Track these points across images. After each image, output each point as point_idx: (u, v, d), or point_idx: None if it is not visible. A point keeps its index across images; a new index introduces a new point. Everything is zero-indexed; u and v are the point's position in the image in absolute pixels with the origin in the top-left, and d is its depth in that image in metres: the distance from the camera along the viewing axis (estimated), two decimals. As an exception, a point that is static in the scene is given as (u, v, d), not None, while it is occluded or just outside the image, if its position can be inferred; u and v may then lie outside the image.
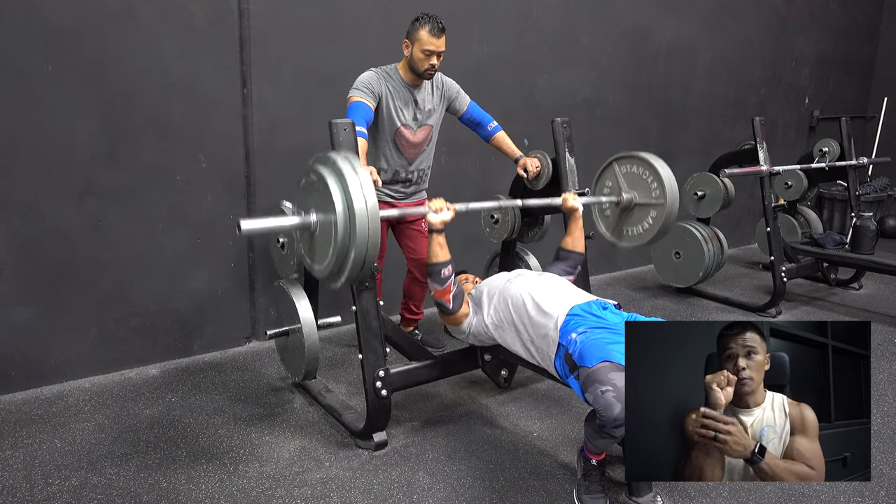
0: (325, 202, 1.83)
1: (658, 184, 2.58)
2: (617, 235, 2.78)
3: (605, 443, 1.95)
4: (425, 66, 2.73)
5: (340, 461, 2.35)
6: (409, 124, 2.85)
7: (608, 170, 2.76)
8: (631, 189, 2.68)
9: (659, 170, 2.57)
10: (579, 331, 2.04)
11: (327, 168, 1.86)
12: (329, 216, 1.83)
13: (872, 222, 4.35)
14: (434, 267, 2.33)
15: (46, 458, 2.31)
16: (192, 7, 2.94)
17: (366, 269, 1.87)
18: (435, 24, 2.67)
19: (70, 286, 2.86)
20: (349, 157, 1.88)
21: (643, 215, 2.66)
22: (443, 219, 2.29)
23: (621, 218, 2.74)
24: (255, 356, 3.28)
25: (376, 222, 1.82)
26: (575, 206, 2.60)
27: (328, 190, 1.81)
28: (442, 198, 2.34)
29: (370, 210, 1.80)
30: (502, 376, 2.92)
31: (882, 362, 3.36)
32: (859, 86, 7.04)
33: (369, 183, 1.85)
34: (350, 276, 1.86)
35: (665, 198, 2.56)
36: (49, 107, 2.69)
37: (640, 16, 4.73)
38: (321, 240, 1.90)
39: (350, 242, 1.80)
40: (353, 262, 1.82)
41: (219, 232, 3.20)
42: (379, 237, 1.85)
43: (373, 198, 1.83)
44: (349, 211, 1.79)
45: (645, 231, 2.67)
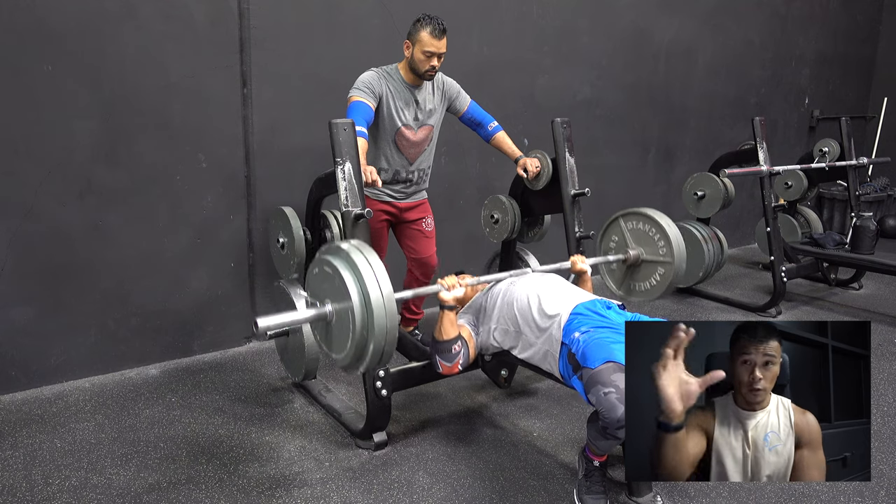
0: (341, 293, 1.81)
1: (665, 241, 2.57)
2: (625, 290, 2.77)
3: (608, 444, 1.95)
4: (426, 68, 2.73)
5: (340, 461, 2.35)
6: (409, 124, 2.85)
7: (613, 225, 2.75)
8: (637, 245, 2.67)
9: (665, 227, 2.56)
10: (582, 330, 2.04)
11: (340, 259, 1.84)
12: (345, 306, 1.80)
13: (872, 222, 4.35)
14: (444, 344, 2.24)
15: (46, 458, 2.31)
16: (192, 7, 2.94)
17: (384, 359, 1.84)
18: (436, 26, 2.67)
19: (70, 286, 2.86)
20: (361, 248, 1.85)
21: (651, 271, 2.65)
22: (455, 296, 2.22)
23: (628, 273, 2.73)
24: (255, 356, 3.28)
25: (393, 311, 1.78)
26: (583, 269, 2.56)
27: (343, 282, 1.78)
28: (452, 274, 2.29)
29: (386, 299, 1.77)
30: (502, 376, 2.92)
31: (882, 362, 3.36)
32: (859, 86, 7.04)
33: (383, 271, 1.82)
34: (370, 365, 1.83)
35: (672, 256, 2.55)
36: (49, 107, 2.69)
37: (640, 16, 4.73)
38: (338, 330, 1.88)
39: (369, 334, 1.78)
40: (373, 353, 1.78)
41: (219, 232, 3.20)
42: (397, 327, 1.82)
43: (388, 287, 1.80)
44: (366, 302, 1.76)
45: (653, 287, 2.66)
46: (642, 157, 5.10)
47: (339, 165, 2.29)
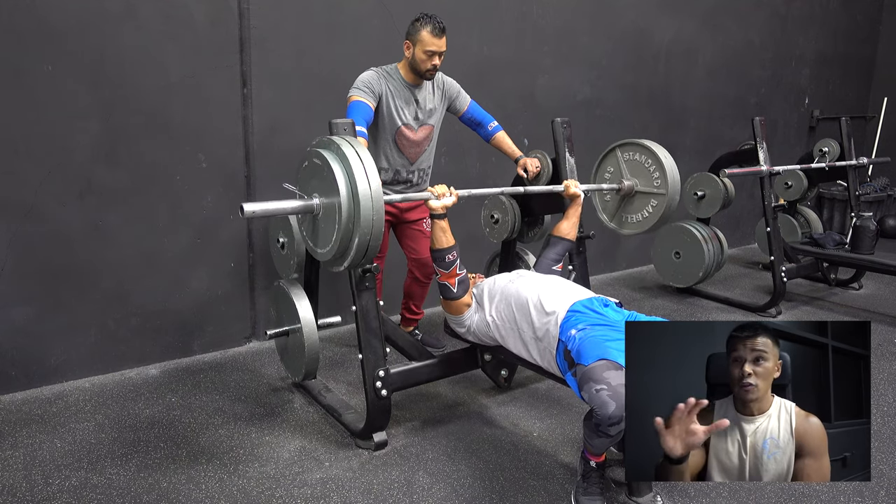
0: (329, 186, 1.81)
1: (660, 172, 2.59)
2: (617, 222, 2.79)
3: (602, 442, 1.94)
4: (427, 67, 2.73)
5: (340, 461, 2.35)
6: (410, 124, 2.85)
7: (610, 155, 2.77)
8: (633, 176, 2.69)
9: (661, 158, 2.58)
10: (579, 327, 2.04)
11: (330, 152, 1.84)
12: (333, 199, 1.81)
13: (872, 222, 4.35)
14: (439, 253, 2.37)
15: (46, 458, 2.31)
16: (192, 7, 2.94)
17: (369, 253, 1.86)
18: (436, 25, 2.67)
19: (70, 286, 2.86)
20: (352, 142, 1.86)
21: (644, 203, 2.67)
22: (444, 203, 2.33)
23: (622, 205, 2.75)
24: (255, 356, 3.28)
25: (380, 205, 1.80)
26: (577, 193, 2.62)
27: (332, 173, 1.79)
28: (444, 184, 2.38)
29: (374, 193, 1.79)
30: (502, 376, 2.92)
31: (882, 362, 3.36)
32: (859, 86, 7.04)
33: (373, 166, 1.83)
34: (353, 260, 1.85)
35: (667, 187, 2.57)
36: (49, 107, 2.69)
37: (640, 16, 4.73)
38: (324, 223, 1.89)
39: (354, 226, 1.79)
40: (357, 247, 1.81)
41: (219, 232, 3.20)
42: (383, 221, 1.84)
43: (376, 181, 1.81)
44: (353, 194, 1.77)
45: (645, 219, 2.68)
46: (642, 157, 5.10)
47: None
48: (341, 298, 3.48)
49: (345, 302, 2.75)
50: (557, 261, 2.64)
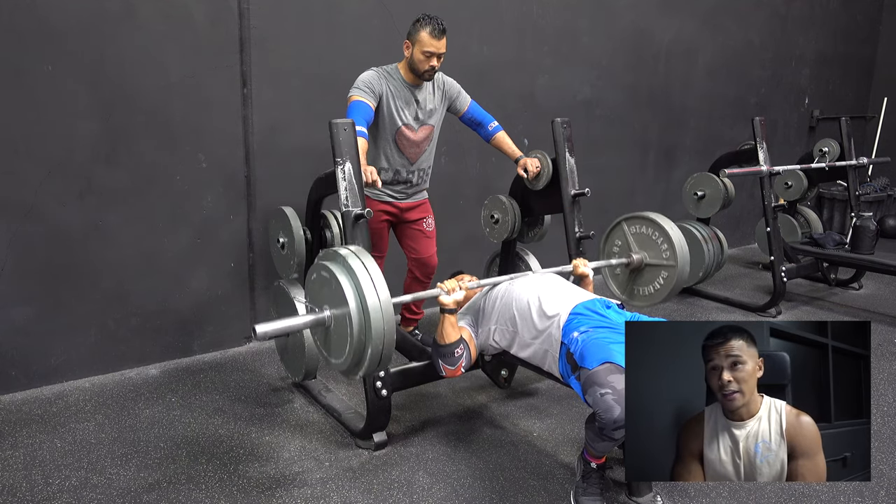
0: (339, 299, 1.81)
1: (668, 245, 2.58)
2: (628, 295, 2.78)
3: (606, 445, 1.95)
4: (425, 68, 2.73)
5: (340, 461, 2.35)
6: (410, 124, 2.85)
7: (616, 229, 2.76)
8: (641, 249, 2.67)
9: (669, 231, 2.57)
10: (581, 329, 2.03)
11: (337, 264, 1.84)
12: (343, 311, 1.81)
13: (872, 222, 4.35)
14: (447, 348, 2.22)
15: (46, 458, 2.31)
16: (192, 7, 2.94)
17: (383, 362, 1.84)
18: (436, 26, 2.67)
19: (70, 286, 2.86)
20: (358, 253, 1.86)
21: (654, 276, 2.66)
22: (455, 299, 2.20)
23: (632, 278, 2.73)
24: (255, 356, 3.28)
25: (390, 316, 1.79)
26: (585, 273, 2.56)
27: (340, 288, 1.79)
28: (451, 277, 2.28)
29: (383, 304, 1.77)
30: (502, 376, 2.92)
31: (882, 362, 3.36)
32: (859, 86, 7.04)
33: (380, 277, 1.82)
34: (368, 369, 1.83)
35: (676, 259, 2.55)
36: (49, 107, 2.69)
37: (640, 16, 4.73)
38: (336, 335, 1.88)
39: (367, 339, 1.78)
40: (371, 357, 1.79)
41: (219, 232, 3.20)
42: (394, 331, 1.82)
43: (385, 292, 1.80)
44: (363, 308, 1.77)
45: (656, 291, 2.67)
46: (642, 158, 5.10)
47: (340, 165, 2.29)
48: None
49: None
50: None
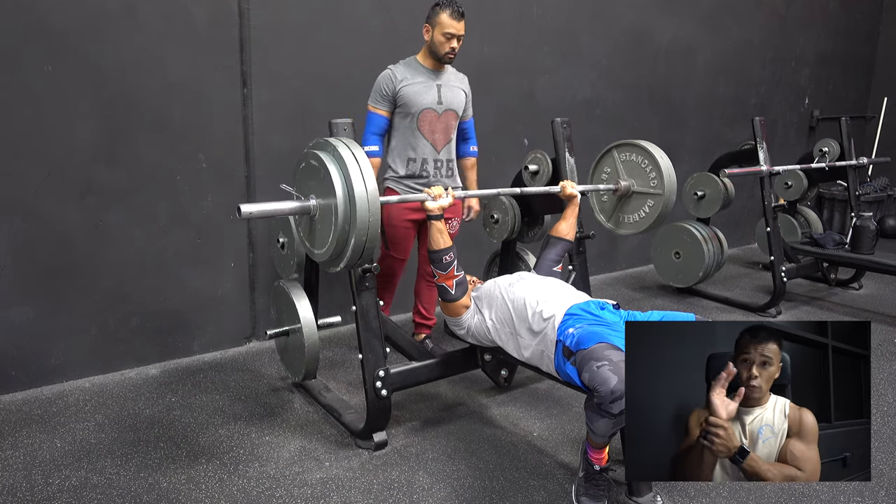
0: (325, 187, 1.84)
1: (657, 173, 2.61)
2: (614, 223, 2.82)
3: (605, 423, 1.89)
4: (446, 50, 2.76)
5: (340, 461, 2.35)
6: (432, 107, 2.85)
7: (607, 156, 2.79)
8: (629, 177, 2.71)
9: (658, 159, 2.60)
10: (577, 326, 2.05)
11: (327, 153, 1.86)
12: (329, 201, 1.83)
13: (872, 222, 4.35)
14: (437, 254, 2.37)
15: (46, 458, 2.31)
16: (192, 7, 2.94)
17: (366, 255, 1.88)
18: (455, 9, 2.72)
19: (70, 286, 2.86)
20: (349, 143, 1.88)
21: (640, 203, 2.69)
22: (441, 205, 2.33)
23: (618, 205, 2.77)
24: (255, 356, 3.28)
25: (376, 207, 1.82)
26: (573, 194, 2.64)
27: (328, 175, 1.81)
28: (441, 185, 2.40)
29: (370, 195, 1.81)
30: (502, 376, 2.92)
31: (882, 362, 3.36)
32: (859, 86, 7.04)
33: (369, 168, 1.86)
34: (350, 261, 1.87)
35: (663, 187, 2.58)
36: (49, 107, 2.69)
37: (640, 16, 4.73)
38: (321, 225, 1.91)
39: (350, 227, 1.80)
40: (354, 248, 1.83)
41: (219, 232, 3.20)
42: (379, 223, 1.86)
43: (372, 183, 1.83)
44: (349, 196, 1.79)
45: (642, 219, 2.70)
46: (642, 157, 5.10)
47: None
48: (341, 298, 3.48)
49: (345, 302, 2.75)
50: (557, 261, 2.64)
